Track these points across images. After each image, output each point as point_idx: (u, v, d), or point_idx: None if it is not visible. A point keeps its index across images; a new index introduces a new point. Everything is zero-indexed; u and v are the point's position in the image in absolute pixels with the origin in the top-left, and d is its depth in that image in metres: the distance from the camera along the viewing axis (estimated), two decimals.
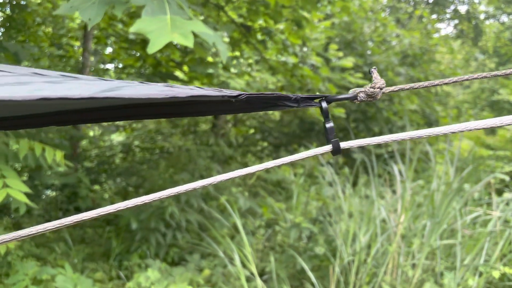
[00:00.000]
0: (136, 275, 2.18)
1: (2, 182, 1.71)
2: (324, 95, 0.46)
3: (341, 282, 1.97)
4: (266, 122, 6.41)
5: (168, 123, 6.27)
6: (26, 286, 2.14)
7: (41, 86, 0.40)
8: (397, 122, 5.73)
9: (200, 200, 3.67)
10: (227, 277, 2.44)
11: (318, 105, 0.46)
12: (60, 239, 3.67)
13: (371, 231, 1.95)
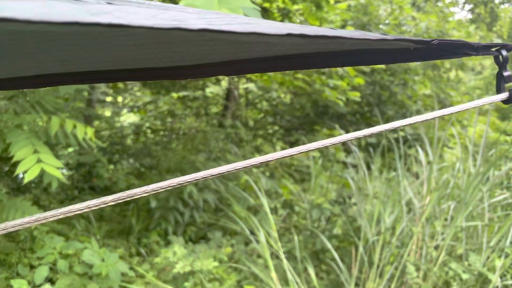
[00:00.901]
0: (163, 250, 2.23)
1: (36, 157, 1.74)
2: (505, 44, 0.46)
3: (365, 261, 2.00)
4: (279, 105, 6.40)
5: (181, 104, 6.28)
6: (55, 259, 2.19)
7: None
8: (411, 106, 5.70)
9: (217, 180, 3.70)
10: (248, 254, 2.48)
11: (497, 53, 0.46)
12: (77, 217, 3.72)
13: (396, 212, 1.97)
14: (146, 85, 6.00)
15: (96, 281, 2.14)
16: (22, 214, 2.00)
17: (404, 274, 1.97)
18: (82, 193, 4.76)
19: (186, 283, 2.05)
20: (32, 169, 1.71)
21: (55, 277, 2.56)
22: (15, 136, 1.82)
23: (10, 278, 2.72)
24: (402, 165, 1.99)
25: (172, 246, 2.82)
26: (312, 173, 3.02)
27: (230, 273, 2.32)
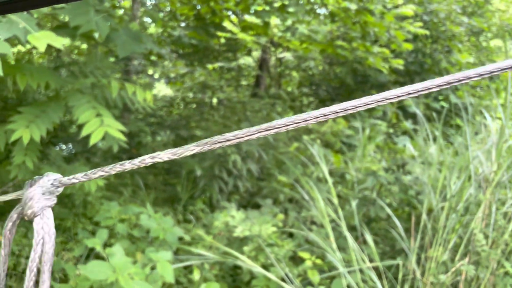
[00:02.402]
0: (222, 214, 2.23)
1: (99, 120, 1.74)
2: None
3: (428, 229, 1.94)
4: (316, 75, 6.26)
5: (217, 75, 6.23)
6: (113, 224, 2.23)
7: None
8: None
9: (260, 149, 3.68)
10: (301, 222, 2.46)
11: None
12: (125, 185, 3.79)
13: (463, 178, 1.89)
14: (180, 56, 5.98)
15: (154, 245, 2.18)
16: None
17: (470, 242, 1.90)
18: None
19: (245, 247, 2.06)
20: (96, 132, 1.71)
21: (108, 242, 2.63)
22: (76, 100, 1.82)
23: (65, 242, 2.81)
24: (471, 129, 1.89)
25: (219, 213, 2.84)
26: (362, 140, 2.94)
27: (284, 239, 2.31)
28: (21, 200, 0.26)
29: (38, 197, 0.26)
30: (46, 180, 0.26)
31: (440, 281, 1.80)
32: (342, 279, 1.94)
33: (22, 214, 0.26)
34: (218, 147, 0.32)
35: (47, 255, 0.26)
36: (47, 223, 0.26)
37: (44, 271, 0.26)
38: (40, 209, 0.26)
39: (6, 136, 1.83)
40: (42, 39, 1.41)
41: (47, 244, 0.26)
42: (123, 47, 1.89)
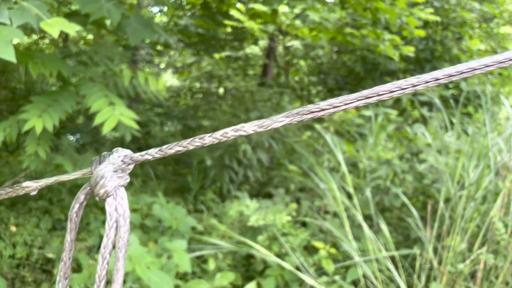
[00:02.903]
0: (236, 204, 2.21)
1: (112, 109, 1.71)
2: None
3: (446, 217, 1.91)
4: (324, 64, 6.19)
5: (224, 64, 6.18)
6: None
7: None
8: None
9: (271, 140, 3.65)
10: (314, 211, 2.43)
11: None
12: (135, 175, 3.78)
13: (482, 166, 1.85)
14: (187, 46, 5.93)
15: (166, 235, 2.17)
16: None
17: (488, 231, 1.87)
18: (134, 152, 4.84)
19: (260, 237, 2.04)
20: (109, 120, 1.69)
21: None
22: (88, 89, 1.80)
23: (77, 232, 2.81)
24: (489, 116, 1.85)
25: (230, 203, 2.83)
26: (374, 128, 2.90)
27: (297, 228, 2.29)
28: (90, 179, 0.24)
29: (111, 175, 0.23)
30: (117, 157, 0.24)
31: (458, 270, 1.77)
32: (358, 268, 1.92)
33: (90, 195, 0.24)
34: (309, 117, 0.29)
35: (121, 241, 0.23)
36: (122, 204, 0.23)
37: (119, 258, 0.23)
38: (114, 189, 0.23)
39: (18, 126, 1.81)
40: (55, 26, 1.38)
41: (122, 227, 0.23)
42: (134, 34, 1.85)
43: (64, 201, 2.91)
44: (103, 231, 1.88)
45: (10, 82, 4.04)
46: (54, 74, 1.68)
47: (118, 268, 0.24)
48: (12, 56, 1.34)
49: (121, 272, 0.24)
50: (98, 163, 0.24)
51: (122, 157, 0.24)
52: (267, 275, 2.13)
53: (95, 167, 0.23)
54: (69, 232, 0.25)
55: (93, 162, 0.24)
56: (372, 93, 0.28)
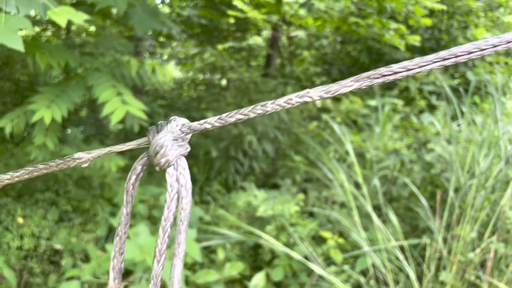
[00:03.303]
0: (245, 194, 2.21)
1: (120, 99, 1.70)
2: None
3: (456, 206, 1.90)
4: (329, 54, 6.14)
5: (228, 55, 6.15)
6: (134, 204, 2.22)
7: None
8: None
9: (276, 130, 3.63)
10: (320, 202, 2.43)
11: None
12: None
13: (492, 155, 1.83)
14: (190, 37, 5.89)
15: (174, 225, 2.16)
16: (101, 159, 2.00)
17: (498, 220, 1.86)
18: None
19: (268, 227, 2.03)
20: (117, 111, 1.67)
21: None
22: (96, 79, 1.79)
23: (84, 223, 2.82)
24: (500, 103, 1.83)
25: (235, 194, 2.82)
26: (381, 118, 2.88)
27: (305, 219, 2.29)
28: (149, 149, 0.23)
29: (171, 144, 0.22)
30: (175, 125, 0.23)
31: (468, 259, 1.77)
32: (367, 257, 1.91)
33: (148, 165, 0.23)
34: (380, 81, 0.27)
35: (183, 212, 0.22)
36: (183, 174, 0.22)
37: (181, 231, 0.23)
38: (175, 158, 0.22)
39: (26, 117, 1.80)
40: (62, 15, 1.36)
41: (184, 199, 0.22)
42: (141, 24, 1.83)
43: (71, 193, 2.91)
44: (112, 221, 1.88)
45: (14, 74, 4.03)
46: (62, 64, 1.67)
47: (179, 242, 0.23)
48: (19, 45, 1.33)
49: (182, 246, 0.23)
50: (156, 132, 0.23)
51: (180, 126, 0.23)
52: (275, 265, 2.13)
53: (153, 136, 0.22)
54: (125, 206, 0.24)
55: (150, 131, 0.23)
56: (449, 55, 0.27)
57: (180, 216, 0.23)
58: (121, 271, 0.24)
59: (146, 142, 0.23)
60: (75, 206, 2.85)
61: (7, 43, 1.31)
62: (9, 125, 1.77)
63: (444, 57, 0.26)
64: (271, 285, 2.13)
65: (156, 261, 0.23)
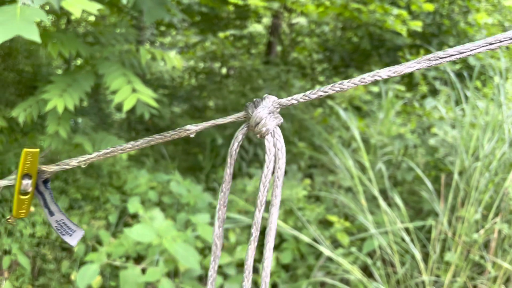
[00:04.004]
0: (255, 179, 2.25)
1: (131, 87, 1.73)
2: None
3: (460, 189, 1.94)
4: (330, 41, 6.14)
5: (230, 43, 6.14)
6: (144, 191, 2.26)
7: None
8: (475, 36, 5.33)
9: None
10: (327, 186, 2.48)
11: None
12: (146, 155, 3.82)
13: (496, 138, 1.87)
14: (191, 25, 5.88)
15: (183, 211, 2.21)
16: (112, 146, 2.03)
17: (502, 201, 1.90)
18: (139, 134, 4.89)
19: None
20: (128, 99, 1.71)
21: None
22: (106, 68, 1.82)
23: (94, 211, 2.87)
24: (503, 90, 1.86)
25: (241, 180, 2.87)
26: (384, 104, 2.92)
27: (311, 203, 2.34)
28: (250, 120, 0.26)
29: (269, 116, 0.26)
30: (269, 101, 0.27)
31: (472, 239, 1.82)
32: (374, 240, 1.96)
33: (246, 134, 0.27)
34: (438, 63, 0.31)
35: (280, 171, 0.26)
36: (279, 140, 0.26)
37: (278, 185, 0.27)
38: (273, 127, 0.26)
39: (38, 106, 1.84)
40: (76, 5, 1.39)
41: (281, 159, 0.26)
42: (150, 13, 1.85)
43: (80, 181, 2.95)
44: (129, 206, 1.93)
45: (17, 64, 4.05)
46: (73, 54, 1.70)
47: (276, 194, 0.27)
48: (36, 36, 1.35)
49: (278, 198, 0.27)
50: (254, 107, 0.26)
51: (271, 102, 0.27)
52: (284, 248, 2.18)
53: (252, 110, 0.26)
54: (229, 167, 0.28)
55: (249, 106, 0.27)
56: (494, 40, 0.30)
57: (277, 174, 0.27)
58: (224, 221, 0.28)
59: (243, 116, 0.27)
60: (85, 194, 2.89)
61: (24, 34, 1.34)
62: (22, 115, 1.81)
63: (491, 42, 0.30)
64: (280, 268, 2.19)
65: (258, 210, 0.27)
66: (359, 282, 1.90)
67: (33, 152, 0.35)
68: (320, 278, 1.98)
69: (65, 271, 2.48)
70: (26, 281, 2.42)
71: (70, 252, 2.67)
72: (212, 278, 0.30)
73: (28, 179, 0.36)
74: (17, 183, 0.36)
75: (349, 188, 2.49)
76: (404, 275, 1.92)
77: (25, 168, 0.36)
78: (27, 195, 0.30)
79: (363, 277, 1.87)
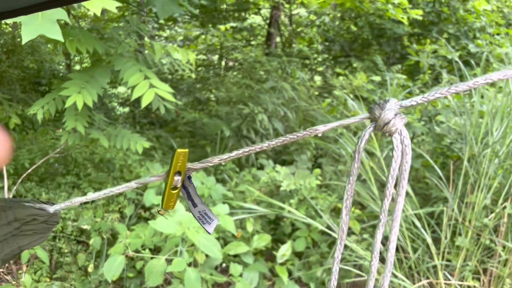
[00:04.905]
0: (269, 170, 2.29)
1: (148, 83, 1.77)
2: None
3: (470, 175, 1.99)
4: (330, 31, 6.15)
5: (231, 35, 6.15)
6: (159, 183, 2.30)
7: None
8: (475, 23, 5.35)
9: (286, 109, 3.70)
10: (338, 176, 2.52)
11: None
12: (153, 148, 3.85)
13: (505, 124, 1.92)
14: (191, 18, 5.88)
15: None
16: (128, 141, 2.07)
17: (511, 187, 1.95)
18: (143, 128, 4.92)
19: (292, 200, 2.13)
20: (146, 94, 1.74)
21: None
22: (122, 64, 1.84)
23: (107, 204, 2.91)
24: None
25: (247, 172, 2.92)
26: (389, 93, 2.95)
27: (322, 192, 2.39)
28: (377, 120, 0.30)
29: (397, 117, 0.30)
30: (392, 104, 0.30)
31: (483, 224, 1.87)
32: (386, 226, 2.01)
33: (374, 133, 0.31)
34: None
35: (407, 165, 0.30)
36: (406, 138, 0.30)
37: (404, 177, 0.31)
38: (401, 127, 0.30)
39: (55, 103, 1.87)
40: (97, 3, 1.41)
41: (408, 155, 0.30)
42: (163, 9, 1.88)
43: (91, 176, 2.99)
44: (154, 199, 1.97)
45: (21, 61, 4.05)
46: (90, 50, 1.72)
47: (403, 185, 0.31)
48: (59, 35, 1.38)
49: (405, 188, 0.31)
50: (380, 109, 0.30)
51: (394, 104, 0.31)
52: (297, 237, 2.24)
53: (379, 112, 0.30)
54: (356, 161, 0.32)
55: (374, 108, 0.30)
56: None
57: (404, 167, 0.31)
58: (350, 209, 0.32)
59: (367, 117, 0.31)
60: (97, 188, 2.93)
61: (47, 34, 1.37)
62: (40, 112, 1.84)
63: None
64: (294, 256, 2.24)
65: (386, 199, 0.31)
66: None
67: (184, 152, 0.40)
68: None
69: (81, 264, 2.53)
70: (44, 274, 2.46)
71: (86, 245, 2.72)
72: (338, 259, 0.34)
73: (178, 175, 0.40)
74: (170, 179, 0.40)
75: (359, 176, 2.54)
76: (417, 260, 1.97)
77: (177, 166, 0.40)
78: (176, 190, 0.34)
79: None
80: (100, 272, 2.30)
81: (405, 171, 0.31)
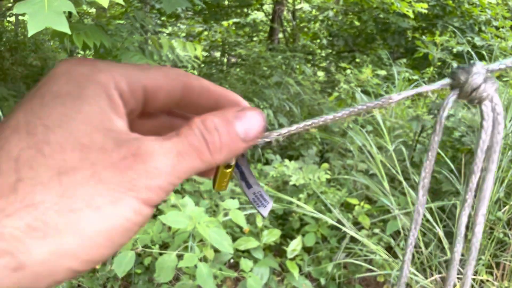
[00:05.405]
0: (277, 165, 2.27)
1: None
2: None
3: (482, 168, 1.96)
4: (333, 25, 6.11)
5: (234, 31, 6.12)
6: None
7: None
8: (480, 16, 5.30)
9: (291, 104, 3.68)
10: (346, 169, 2.50)
11: None
12: None
13: None
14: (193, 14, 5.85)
15: (206, 198, 2.24)
16: None
17: None
18: None
19: (301, 195, 2.11)
20: None
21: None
22: (129, 58, 1.82)
23: None
24: None
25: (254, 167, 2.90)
26: (397, 87, 2.92)
27: (330, 187, 2.36)
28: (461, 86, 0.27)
29: (487, 82, 0.27)
30: (480, 67, 0.27)
31: (497, 217, 1.84)
32: (397, 221, 1.99)
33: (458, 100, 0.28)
34: None
35: (498, 136, 0.28)
36: (498, 105, 0.27)
37: (495, 150, 0.28)
38: (493, 93, 0.27)
39: None
40: None
41: (500, 125, 0.28)
42: (169, 2, 1.85)
43: None
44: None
45: (25, 58, 4.03)
46: (97, 44, 1.70)
47: (493, 159, 0.28)
48: (66, 27, 1.35)
49: (495, 163, 0.29)
50: (466, 74, 0.27)
51: (481, 67, 0.28)
52: (306, 232, 2.21)
53: (465, 77, 0.27)
54: (437, 134, 0.29)
55: (459, 73, 0.27)
56: None
57: (496, 139, 0.28)
58: (428, 189, 0.30)
59: (448, 83, 0.28)
60: None
61: (53, 26, 1.34)
62: None
63: None
64: (303, 251, 2.22)
65: (473, 176, 0.29)
66: (384, 262, 1.94)
67: None
68: (345, 260, 2.02)
69: None
70: None
71: None
72: (411, 246, 0.31)
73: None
74: None
75: (366, 171, 2.51)
76: (429, 255, 1.95)
77: None
78: (229, 169, 0.31)
79: (389, 257, 1.90)
80: (107, 269, 2.28)
81: (496, 143, 0.28)
